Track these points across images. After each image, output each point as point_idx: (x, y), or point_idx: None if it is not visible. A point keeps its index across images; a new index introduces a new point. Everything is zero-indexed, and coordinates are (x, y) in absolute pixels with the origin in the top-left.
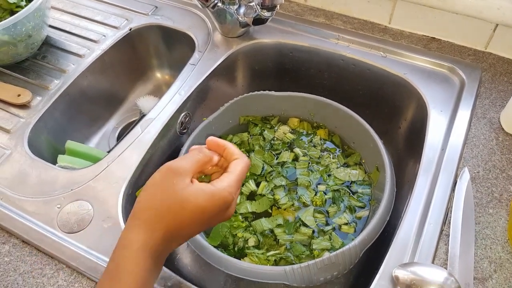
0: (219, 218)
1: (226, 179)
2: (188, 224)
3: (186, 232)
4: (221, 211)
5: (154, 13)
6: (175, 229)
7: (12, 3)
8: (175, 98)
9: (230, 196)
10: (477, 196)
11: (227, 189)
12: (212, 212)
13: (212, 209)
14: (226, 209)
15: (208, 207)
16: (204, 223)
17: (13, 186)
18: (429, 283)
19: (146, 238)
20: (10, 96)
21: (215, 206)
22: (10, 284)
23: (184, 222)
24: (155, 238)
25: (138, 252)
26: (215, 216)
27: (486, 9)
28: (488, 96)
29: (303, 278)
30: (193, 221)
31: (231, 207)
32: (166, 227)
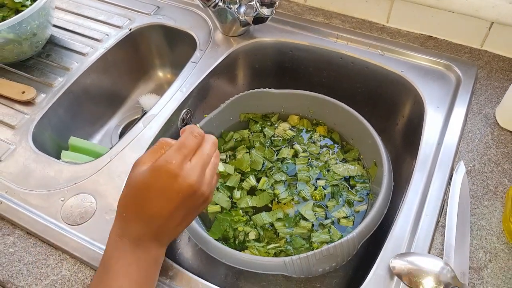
0: (174, 188)
1: (166, 152)
2: (147, 202)
3: (153, 211)
4: (169, 180)
5: (156, 13)
6: (141, 211)
7: (18, 2)
8: (176, 95)
9: (168, 164)
10: (472, 188)
11: (164, 158)
12: (158, 183)
13: (155, 180)
14: (173, 178)
15: (151, 181)
16: (163, 197)
17: (18, 180)
18: (425, 272)
19: (120, 226)
20: (15, 93)
21: (157, 177)
22: (15, 274)
23: (144, 202)
24: (129, 225)
25: (117, 238)
26: (167, 188)
27: (481, 8)
28: (484, 93)
29: (302, 269)
30: (148, 198)
31: (180, 176)
32: (134, 212)
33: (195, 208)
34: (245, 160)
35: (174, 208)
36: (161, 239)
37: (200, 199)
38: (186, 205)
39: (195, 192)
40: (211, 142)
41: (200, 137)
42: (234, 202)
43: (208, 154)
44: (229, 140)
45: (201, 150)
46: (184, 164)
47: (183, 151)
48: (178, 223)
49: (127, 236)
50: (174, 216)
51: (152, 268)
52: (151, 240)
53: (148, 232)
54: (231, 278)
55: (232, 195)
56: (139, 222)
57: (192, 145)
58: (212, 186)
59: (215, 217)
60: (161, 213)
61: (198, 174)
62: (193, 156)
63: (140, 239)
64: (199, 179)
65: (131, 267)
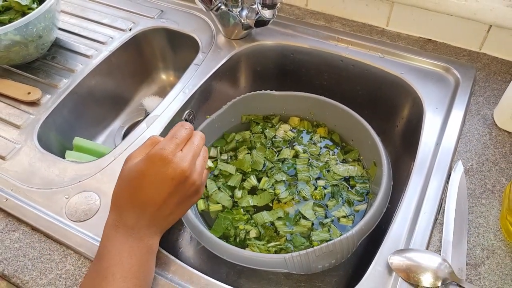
0: (168, 174)
1: (160, 142)
2: (141, 189)
3: (147, 197)
4: (163, 166)
5: (159, 16)
6: (136, 198)
7: (24, 5)
8: (179, 96)
9: (162, 151)
10: (470, 187)
11: (158, 147)
12: (152, 170)
13: (149, 167)
14: (167, 164)
15: (144, 168)
16: (157, 183)
17: (23, 178)
18: (423, 268)
19: (114, 217)
20: (21, 94)
21: (151, 164)
22: (20, 268)
23: (138, 189)
24: (123, 214)
25: (111, 229)
26: (161, 174)
27: (479, 11)
28: (482, 94)
29: (302, 266)
30: (142, 185)
31: (173, 162)
32: (128, 200)
33: (187, 197)
34: (246, 161)
35: (168, 195)
36: (155, 228)
37: (191, 187)
38: (178, 192)
39: (187, 179)
40: (199, 136)
41: (190, 129)
42: (235, 201)
43: (198, 145)
44: (231, 141)
45: (191, 141)
46: (176, 152)
47: (175, 140)
48: (171, 211)
49: (121, 226)
50: (167, 203)
51: (146, 256)
52: (144, 229)
53: (141, 220)
54: (232, 276)
55: (234, 195)
56: (133, 210)
57: (183, 135)
58: (203, 177)
59: (217, 216)
60: (155, 199)
61: (190, 161)
62: (184, 146)
63: (133, 228)
64: (191, 166)
65: (124, 256)
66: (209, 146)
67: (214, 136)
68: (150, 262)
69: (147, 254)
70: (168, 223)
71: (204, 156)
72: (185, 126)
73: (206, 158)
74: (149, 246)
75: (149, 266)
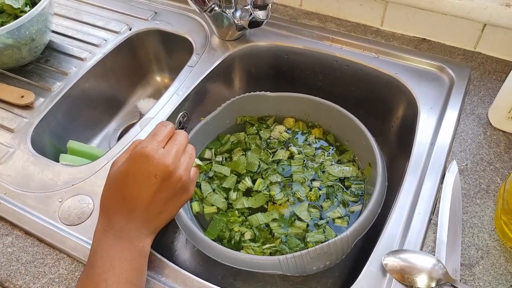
0: (151, 171)
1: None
2: (127, 189)
3: (134, 197)
4: (145, 163)
5: (153, 18)
6: (123, 200)
7: (17, 8)
8: (173, 98)
9: (143, 149)
10: (465, 187)
11: (140, 145)
12: (135, 168)
13: (133, 166)
14: (149, 160)
15: (128, 168)
16: (141, 181)
17: (17, 182)
18: (417, 269)
19: (103, 222)
20: (14, 97)
21: (134, 162)
22: (13, 273)
23: (124, 190)
24: (112, 218)
25: (100, 234)
26: (144, 171)
27: (473, 10)
28: (477, 93)
29: (297, 267)
30: (128, 185)
31: (155, 158)
32: (116, 203)
33: (175, 194)
34: (241, 162)
35: (154, 192)
36: (145, 229)
37: (178, 183)
38: (165, 189)
39: (172, 174)
40: (182, 134)
41: (171, 128)
42: (230, 203)
43: (181, 142)
44: (226, 143)
45: (174, 138)
46: (158, 148)
47: (156, 137)
48: (160, 210)
49: (110, 230)
50: (155, 201)
51: (137, 259)
52: (134, 231)
53: (130, 222)
54: (228, 278)
55: (228, 196)
56: (121, 212)
57: (165, 133)
58: (191, 174)
59: (212, 218)
60: (141, 198)
61: (173, 157)
62: (167, 143)
63: (122, 231)
64: (174, 162)
65: (115, 260)
66: (203, 148)
67: (208, 137)
68: (143, 264)
69: (139, 257)
70: (160, 223)
71: (190, 153)
72: (166, 125)
73: (192, 155)
74: (140, 249)
75: (142, 268)
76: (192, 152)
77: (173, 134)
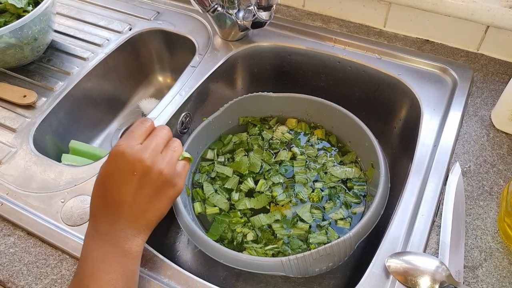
0: (128, 168)
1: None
2: (108, 190)
3: (115, 197)
4: (121, 161)
5: (156, 18)
6: (106, 201)
7: (19, 8)
8: (176, 99)
9: (118, 147)
10: (468, 189)
11: (116, 144)
12: (112, 167)
13: (110, 166)
14: (124, 157)
15: (107, 169)
16: (120, 180)
17: (19, 182)
18: (420, 271)
19: (91, 225)
20: (16, 97)
21: (111, 162)
22: (15, 273)
23: (106, 191)
24: (98, 221)
25: (88, 238)
26: (121, 170)
27: (477, 11)
28: (480, 95)
29: (299, 269)
30: (108, 186)
31: (131, 154)
32: (100, 206)
33: (158, 190)
34: (243, 163)
35: (134, 190)
36: (132, 230)
37: (159, 178)
38: (145, 185)
39: (149, 169)
40: (164, 128)
41: (148, 124)
42: (232, 204)
43: (161, 137)
44: (228, 143)
45: (153, 134)
46: (133, 145)
47: (132, 134)
48: (144, 208)
49: (95, 234)
50: (137, 199)
51: (123, 262)
52: (119, 232)
53: (115, 224)
54: (230, 279)
55: (231, 197)
56: (105, 215)
57: (141, 130)
58: (177, 168)
59: (214, 219)
60: (123, 198)
61: (150, 152)
62: (145, 140)
63: (107, 234)
64: (151, 156)
65: (98, 265)
66: (206, 148)
67: (211, 138)
68: (130, 267)
69: (125, 260)
70: (148, 221)
71: (174, 146)
72: (144, 121)
73: (176, 148)
74: (125, 250)
75: (129, 271)
76: (177, 145)
77: (153, 130)
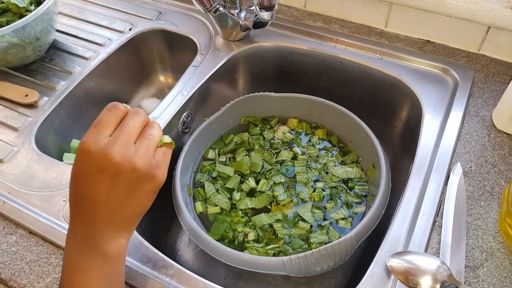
0: (95, 166)
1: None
2: (79, 192)
3: (87, 198)
4: (86, 160)
5: (158, 18)
6: (78, 204)
7: (22, 7)
8: (177, 99)
9: (81, 144)
10: (469, 189)
11: (82, 139)
12: (79, 167)
13: (77, 166)
14: (89, 155)
15: (74, 169)
16: (89, 180)
17: (21, 181)
18: (422, 271)
19: (70, 229)
20: (19, 96)
21: (77, 162)
22: (17, 272)
23: (77, 194)
24: (74, 225)
25: (66, 244)
26: (87, 169)
27: (478, 12)
28: (481, 96)
29: (301, 268)
30: (78, 187)
31: (96, 152)
32: (75, 209)
33: (133, 186)
34: (244, 163)
35: (106, 189)
36: (110, 230)
37: (132, 174)
38: (118, 183)
39: (119, 166)
40: (136, 114)
41: (117, 110)
42: (233, 203)
43: (133, 125)
44: (229, 143)
45: (123, 123)
46: (99, 139)
47: (97, 127)
48: (120, 207)
49: (75, 238)
50: (111, 199)
51: (104, 266)
52: (97, 234)
53: (91, 226)
54: (231, 279)
55: (232, 197)
56: (80, 219)
57: (109, 119)
58: (149, 157)
59: (215, 218)
60: (95, 199)
61: (120, 145)
62: (115, 130)
63: (85, 237)
64: (121, 150)
65: (78, 272)
66: (207, 148)
67: (212, 138)
68: (112, 270)
69: (105, 264)
70: (128, 219)
71: (149, 134)
72: (113, 108)
73: (153, 136)
74: (106, 254)
75: (109, 275)
76: (154, 131)
77: (125, 117)
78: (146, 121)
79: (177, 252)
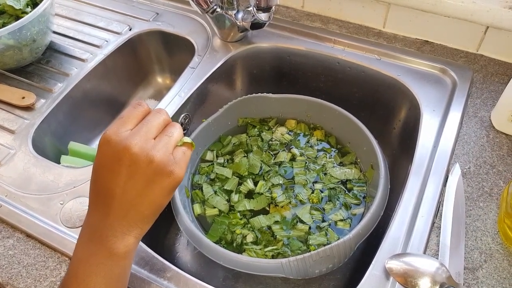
0: (114, 156)
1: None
2: (97, 182)
3: (103, 189)
4: (107, 149)
5: (155, 19)
6: (96, 194)
7: (18, 9)
8: (175, 100)
9: (103, 134)
10: (468, 190)
11: (104, 131)
12: (99, 156)
13: (98, 156)
14: (109, 144)
15: (96, 158)
16: (107, 170)
17: (18, 184)
18: (421, 273)
19: (85, 220)
20: (15, 99)
21: (99, 152)
22: (14, 276)
23: (95, 183)
24: (89, 216)
25: (80, 234)
26: (107, 158)
27: (476, 12)
28: (480, 96)
29: (299, 271)
30: (97, 177)
31: (116, 141)
32: (92, 200)
33: (149, 179)
34: (242, 164)
35: (123, 180)
36: (119, 226)
37: (149, 166)
38: (134, 175)
39: (137, 156)
40: (158, 112)
41: (142, 108)
42: (232, 205)
43: (155, 121)
44: (227, 144)
45: (146, 119)
46: (120, 131)
47: (120, 120)
48: (135, 200)
49: (87, 229)
50: (127, 191)
51: (107, 264)
52: (107, 228)
53: (105, 219)
54: (229, 281)
55: (230, 199)
56: (96, 208)
57: (133, 114)
58: (168, 152)
59: (213, 220)
60: (113, 190)
61: (140, 138)
62: (136, 126)
63: (96, 230)
64: (140, 142)
65: (81, 265)
66: (205, 150)
67: (210, 139)
68: (114, 269)
69: (109, 261)
70: (142, 216)
71: (170, 131)
72: (138, 105)
73: (174, 133)
74: (111, 251)
75: (112, 274)
76: (175, 130)
77: (148, 114)
78: (168, 121)
79: (175, 255)
